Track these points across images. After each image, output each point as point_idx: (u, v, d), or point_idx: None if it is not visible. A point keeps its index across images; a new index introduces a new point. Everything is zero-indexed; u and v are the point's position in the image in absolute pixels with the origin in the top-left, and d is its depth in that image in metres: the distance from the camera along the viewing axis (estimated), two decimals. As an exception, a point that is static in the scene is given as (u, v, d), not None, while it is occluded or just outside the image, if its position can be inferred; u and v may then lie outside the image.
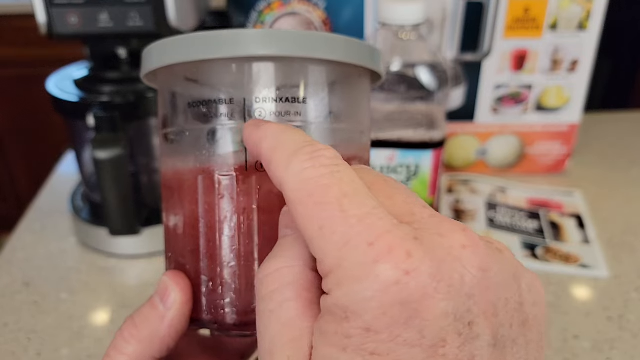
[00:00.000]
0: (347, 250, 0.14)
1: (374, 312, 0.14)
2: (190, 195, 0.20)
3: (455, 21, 0.56)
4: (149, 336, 0.20)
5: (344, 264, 0.14)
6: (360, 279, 0.14)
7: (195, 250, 0.20)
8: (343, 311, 0.14)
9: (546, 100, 0.61)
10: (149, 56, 0.21)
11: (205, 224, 0.20)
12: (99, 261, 0.51)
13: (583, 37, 0.57)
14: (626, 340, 0.42)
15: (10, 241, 0.55)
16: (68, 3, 0.43)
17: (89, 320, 0.44)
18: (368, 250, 0.14)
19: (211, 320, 0.20)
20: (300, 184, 0.15)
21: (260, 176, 0.19)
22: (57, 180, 0.66)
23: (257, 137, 0.17)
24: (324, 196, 0.15)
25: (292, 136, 0.17)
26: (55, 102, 0.48)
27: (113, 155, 0.42)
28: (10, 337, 0.43)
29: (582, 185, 0.62)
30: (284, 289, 0.16)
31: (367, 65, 0.21)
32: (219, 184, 0.19)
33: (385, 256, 0.14)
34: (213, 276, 0.20)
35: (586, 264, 0.50)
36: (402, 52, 0.47)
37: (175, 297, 0.20)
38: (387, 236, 0.14)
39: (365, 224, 0.14)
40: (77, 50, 0.62)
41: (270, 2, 0.56)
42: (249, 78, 0.19)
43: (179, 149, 0.21)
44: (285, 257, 0.17)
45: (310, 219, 0.15)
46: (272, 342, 0.16)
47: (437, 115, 0.48)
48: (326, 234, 0.14)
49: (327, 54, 0.19)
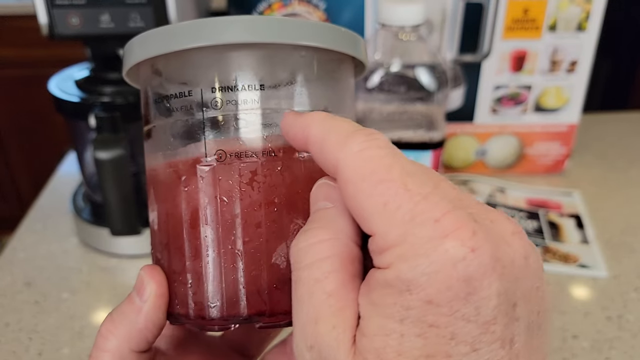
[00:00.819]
0: (412, 226, 0.15)
1: (438, 286, 0.14)
2: (161, 191, 0.20)
3: (454, 22, 0.56)
4: (126, 331, 0.20)
5: (410, 239, 0.15)
6: (428, 253, 0.14)
7: (167, 245, 0.20)
8: (405, 284, 0.14)
9: (545, 101, 0.61)
10: (127, 54, 0.21)
11: (173, 218, 0.20)
12: (100, 261, 0.51)
13: (582, 38, 0.57)
14: (625, 340, 0.42)
15: (11, 241, 0.55)
16: (69, 4, 0.43)
17: (90, 320, 0.44)
18: (435, 226, 0.14)
19: (184, 314, 0.20)
20: (361, 162, 0.16)
21: (221, 167, 0.19)
22: (58, 180, 0.66)
23: (303, 123, 0.18)
24: (388, 174, 0.15)
25: (342, 121, 0.17)
26: (57, 102, 0.48)
27: (114, 155, 0.42)
28: (12, 337, 0.43)
29: (581, 186, 0.62)
30: (331, 260, 0.16)
31: (349, 52, 0.20)
32: (182, 177, 0.19)
33: (452, 233, 0.14)
34: (182, 270, 0.20)
35: (585, 264, 0.50)
36: (402, 53, 0.47)
37: (150, 289, 0.20)
38: (452, 214, 0.15)
39: (429, 201, 0.15)
40: (78, 51, 0.62)
41: (271, 3, 0.56)
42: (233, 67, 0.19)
43: (151, 145, 0.21)
44: (329, 229, 0.17)
45: (372, 195, 0.15)
46: (317, 310, 0.16)
47: (437, 115, 0.49)
48: (390, 210, 0.15)
49: (312, 41, 0.19)
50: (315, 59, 0.20)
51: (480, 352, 0.14)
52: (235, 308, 0.19)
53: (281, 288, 0.19)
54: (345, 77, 0.22)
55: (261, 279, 0.19)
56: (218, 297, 0.19)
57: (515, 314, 0.15)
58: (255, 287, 0.19)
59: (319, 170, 0.19)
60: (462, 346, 0.14)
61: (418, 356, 0.14)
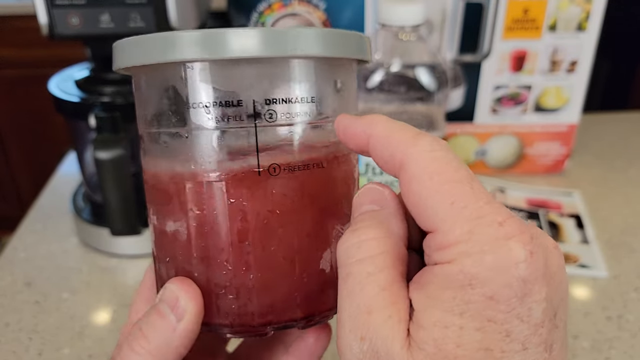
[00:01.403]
0: (478, 224, 0.15)
1: (500, 282, 0.15)
2: (195, 202, 0.19)
3: (454, 22, 0.57)
4: (160, 347, 0.19)
5: (476, 237, 0.15)
6: (493, 251, 0.15)
7: (206, 257, 0.19)
8: (468, 278, 0.15)
9: (545, 101, 0.61)
10: (131, 48, 0.19)
11: (217, 231, 0.19)
12: (100, 261, 0.51)
13: (582, 38, 0.57)
14: (625, 340, 0.42)
15: (11, 241, 0.55)
16: (69, 4, 0.43)
17: (90, 320, 0.44)
18: (499, 228, 0.15)
19: (226, 324, 0.20)
20: (432, 161, 0.17)
21: (274, 180, 0.19)
22: (58, 180, 0.66)
23: (365, 124, 0.19)
24: (457, 175, 0.16)
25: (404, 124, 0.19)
26: (57, 102, 0.48)
27: (114, 155, 0.42)
28: (12, 337, 0.43)
29: (581, 186, 0.62)
30: (383, 256, 0.17)
31: (359, 57, 0.21)
32: (230, 189, 0.19)
33: (516, 235, 0.15)
34: (227, 282, 0.19)
35: (585, 263, 0.50)
36: (402, 53, 0.47)
37: (186, 306, 0.19)
38: (512, 220, 0.16)
39: (493, 205, 0.16)
40: (78, 51, 0.62)
41: (271, 3, 0.56)
42: (257, 79, 0.19)
43: (178, 152, 0.19)
44: (380, 228, 0.18)
45: (439, 192, 0.16)
46: (370, 302, 0.16)
47: (437, 115, 0.49)
48: (457, 208, 0.16)
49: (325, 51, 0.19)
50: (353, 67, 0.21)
51: (529, 352, 0.15)
52: (287, 314, 0.20)
53: (325, 291, 0.20)
54: (353, 80, 0.22)
55: (310, 285, 0.20)
56: (270, 306, 0.20)
57: (556, 321, 0.16)
58: (305, 293, 0.20)
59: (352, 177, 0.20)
60: (515, 344, 0.15)
61: (477, 349, 0.15)
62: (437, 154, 0.17)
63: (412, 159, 0.17)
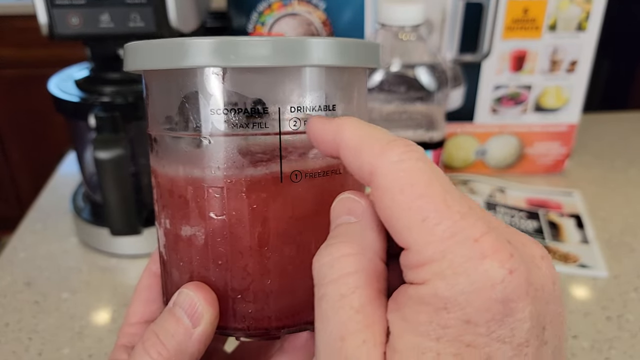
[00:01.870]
0: (452, 243, 0.14)
1: (477, 306, 0.14)
2: (215, 207, 0.19)
3: (454, 22, 0.56)
4: (177, 353, 0.19)
5: (449, 256, 0.14)
6: (468, 272, 0.14)
7: (224, 262, 0.19)
8: (443, 302, 0.14)
9: (545, 101, 0.61)
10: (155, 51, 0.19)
11: (236, 236, 0.19)
12: (100, 261, 0.51)
13: (582, 37, 0.57)
14: (625, 340, 0.42)
15: (11, 241, 0.55)
16: (69, 4, 0.43)
17: (90, 320, 0.44)
18: (474, 246, 0.14)
19: (242, 328, 0.20)
20: (401, 173, 0.15)
21: (295, 187, 0.19)
22: (58, 180, 0.66)
23: (335, 128, 0.18)
24: (428, 189, 0.15)
25: (375, 129, 0.17)
26: (57, 102, 0.48)
27: (114, 155, 0.42)
28: (12, 337, 0.43)
29: (581, 185, 0.62)
30: (357, 275, 0.16)
31: (376, 66, 0.21)
32: (251, 196, 0.19)
33: (492, 254, 0.14)
34: (245, 287, 0.19)
35: (585, 263, 0.50)
36: (402, 53, 0.47)
37: (203, 312, 0.19)
38: (489, 235, 0.15)
39: (467, 221, 0.15)
40: (78, 51, 0.62)
41: (271, 2, 0.56)
42: (283, 87, 0.19)
43: (198, 156, 0.19)
44: (354, 244, 0.17)
45: (411, 209, 0.15)
46: (344, 327, 0.15)
47: (437, 115, 0.49)
48: (429, 225, 0.15)
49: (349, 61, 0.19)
50: (366, 75, 0.22)
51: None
52: (303, 318, 0.20)
53: None
54: (365, 79, 0.22)
55: None
56: (287, 310, 0.20)
57: (544, 337, 0.15)
58: None
59: None
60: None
61: None
62: (407, 165, 0.16)
63: (381, 171, 0.16)
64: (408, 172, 0.15)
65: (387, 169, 0.16)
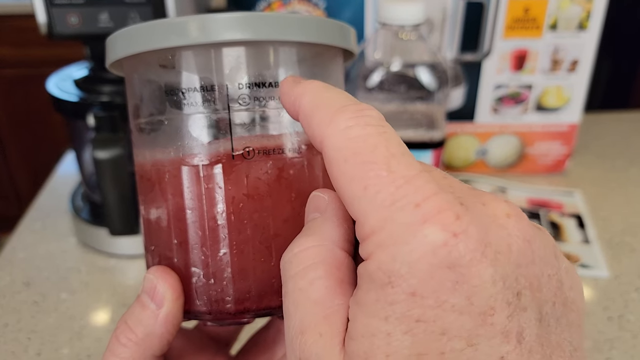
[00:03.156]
0: (392, 211, 0.13)
1: (420, 275, 0.13)
2: (173, 187, 0.20)
3: (455, 21, 0.56)
4: (145, 337, 0.19)
5: (389, 225, 0.13)
6: (407, 240, 0.13)
7: (184, 242, 0.20)
8: (387, 275, 0.13)
9: (546, 100, 0.61)
10: (114, 44, 0.20)
11: (193, 215, 0.19)
12: (99, 261, 0.51)
13: (583, 37, 0.57)
14: (626, 340, 0.42)
15: (10, 241, 0.55)
16: (68, 3, 0.43)
17: (89, 320, 0.44)
18: (415, 211, 0.13)
19: (205, 311, 0.20)
20: (346, 141, 0.15)
21: (248, 163, 0.19)
22: (57, 180, 0.66)
23: (297, 93, 0.17)
24: (371, 155, 0.14)
25: (336, 94, 0.16)
26: (56, 102, 0.48)
27: (113, 155, 0.42)
28: (11, 337, 0.43)
29: (582, 185, 0.62)
30: (314, 267, 0.16)
31: (340, 45, 0.21)
32: (205, 173, 0.19)
33: (433, 217, 0.13)
34: (205, 267, 0.19)
35: (586, 263, 0.50)
36: (402, 52, 0.47)
37: (164, 293, 0.19)
38: (434, 198, 0.13)
39: (412, 185, 0.14)
40: (77, 50, 0.62)
41: (270, 2, 0.56)
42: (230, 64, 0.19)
43: (158, 139, 0.20)
44: (313, 236, 0.16)
45: (354, 178, 0.14)
46: (303, 320, 0.15)
47: (437, 115, 0.48)
48: (370, 194, 0.14)
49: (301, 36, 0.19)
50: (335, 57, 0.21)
51: (478, 348, 0.13)
52: (264, 301, 0.19)
53: None
54: (339, 66, 0.22)
55: None
56: (247, 292, 0.19)
57: (520, 303, 0.13)
58: None
59: None
60: (456, 341, 0.13)
61: (408, 355, 0.13)
62: (353, 132, 0.15)
63: (328, 140, 0.15)
64: (353, 139, 0.15)
65: (334, 137, 0.15)
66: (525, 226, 0.14)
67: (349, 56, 0.23)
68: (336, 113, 0.15)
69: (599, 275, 0.48)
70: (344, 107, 0.15)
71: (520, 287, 0.14)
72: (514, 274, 0.13)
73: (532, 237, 0.14)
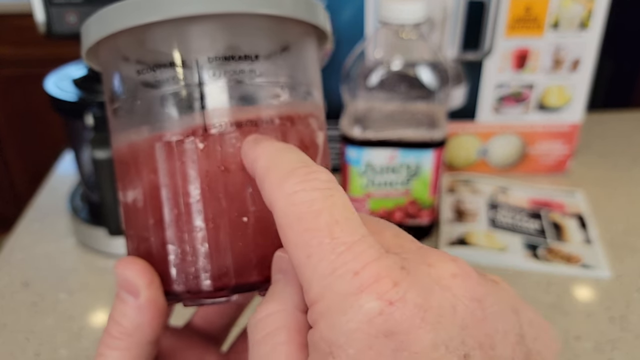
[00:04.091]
0: (332, 280, 0.14)
1: (358, 345, 0.13)
2: (148, 165, 0.20)
3: (456, 20, 0.56)
4: (135, 328, 0.19)
5: (328, 294, 0.14)
6: (344, 310, 0.13)
7: (160, 220, 0.20)
8: (328, 345, 0.13)
9: (548, 100, 0.60)
10: (86, 33, 0.20)
11: (168, 191, 0.19)
12: (98, 261, 0.51)
13: (585, 36, 0.57)
14: (628, 341, 0.41)
15: (8, 241, 0.54)
16: (67, 2, 0.43)
17: (88, 321, 0.44)
18: (353, 279, 0.13)
19: (184, 290, 0.20)
20: (291, 207, 0.15)
21: (221, 137, 0.19)
22: (55, 180, 0.66)
23: (254, 155, 0.17)
24: (314, 222, 0.14)
25: (288, 156, 0.16)
26: (54, 101, 0.48)
27: (112, 155, 0.42)
28: (9, 338, 0.43)
29: (583, 185, 0.62)
30: (276, 333, 0.16)
31: (311, 21, 0.20)
32: (178, 149, 0.19)
33: (370, 286, 0.13)
34: (181, 243, 0.19)
35: (588, 264, 0.49)
36: (403, 51, 0.47)
37: (136, 282, 0.19)
38: (373, 265, 0.14)
39: (353, 252, 0.14)
40: (75, 50, 0.61)
41: None
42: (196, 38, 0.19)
43: (132, 120, 0.20)
44: (275, 302, 0.16)
45: (298, 245, 0.14)
46: None
47: (438, 114, 0.48)
48: (313, 262, 0.14)
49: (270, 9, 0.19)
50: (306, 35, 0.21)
51: None
52: (243, 277, 0.19)
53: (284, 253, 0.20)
54: (309, 47, 0.22)
55: (267, 247, 0.19)
56: (224, 267, 0.19)
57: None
58: (262, 253, 0.19)
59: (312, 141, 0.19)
60: None
61: None
62: (299, 197, 0.15)
63: (275, 204, 0.15)
64: (298, 205, 0.15)
65: (280, 202, 0.15)
66: (473, 285, 0.14)
67: (323, 40, 0.22)
68: (284, 177, 0.15)
69: (601, 275, 0.48)
70: (293, 171, 0.15)
71: (467, 349, 0.13)
72: (460, 336, 0.13)
73: (483, 295, 0.14)
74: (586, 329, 0.43)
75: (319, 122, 0.21)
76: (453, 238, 0.52)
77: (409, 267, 0.14)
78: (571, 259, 0.50)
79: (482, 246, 0.51)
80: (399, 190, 0.50)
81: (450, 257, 0.15)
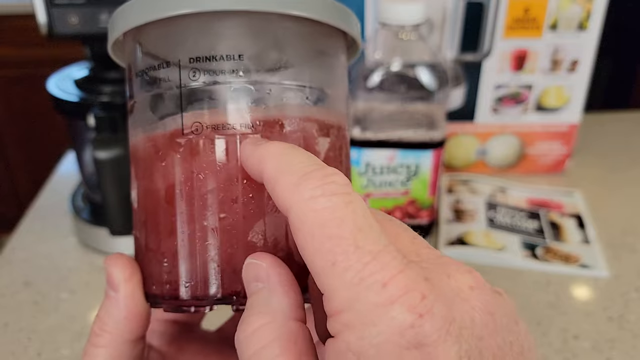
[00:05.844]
0: (360, 290, 0.14)
1: (388, 357, 0.13)
2: (141, 167, 0.20)
3: (455, 21, 0.56)
4: (115, 323, 0.20)
5: (356, 305, 0.14)
6: (375, 321, 0.13)
7: (145, 221, 0.20)
8: (356, 356, 0.13)
9: (546, 100, 0.61)
10: (111, 29, 0.21)
11: (150, 194, 0.19)
12: (100, 261, 0.51)
13: (583, 37, 0.57)
14: (626, 340, 0.42)
15: (10, 241, 0.55)
16: (68, 3, 0.43)
17: (90, 321, 0.44)
18: (382, 291, 0.13)
19: (159, 295, 0.19)
20: (311, 213, 0.14)
21: (197, 140, 0.18)
22: (57, 180, 0.66)
23: (259, 156, 0.17)
24: (338, 229, 0.14)
25: (299, 157, 0.16)
26: (56, 102, 0.48)
27: (113, 155, 0.42)
28: (11, 337, 0.43)
29: (582, 185, 0.62)
30: (269, 347, 0.15)
31: (341, 27, 0.20)
32: (160, 151, 0.19)
33: (400, 298, 0.13)
34: (158, 248, 0.19)
35: (586, 264, 0.50)
36: (402, 52, 0.47)
37: (117, 277, 0.19)
38: (400, 276, 0.14)
39: (379, 261, 0.14)
40: (77, 51, 0.62)
41: None
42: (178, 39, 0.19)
43: (133, 121, 0.20)
44: (263, 313, 0.16)
45: (321, 252, 0.14)
46: None
47: (437, 115, 0.48)
48: (338, 271, 0.14)
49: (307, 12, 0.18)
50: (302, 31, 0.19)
51: None
52: (210, 288, 0.18)
53: None
54: (335, 54, 0.21)
55: (237, 258, 0.18)
56: (192, 276, 0.19)
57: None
58: (231, 266, 0.18)
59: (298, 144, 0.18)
60: None
61: None
62: (319, 203, 0.14)
63: (293, 210, 0.15)
64: (319, 211, 0.14)
65: (298, 207, 0.15)
66: (487, 298, 0.15)
67: (354, 49, 0.22)
68: (302, 179, 0.15)
69: (599, 275, 0.48)
70: (310, 173, 0.15)
71: (489, 357, 0.14)
72: (477, 347, 0.14)
73: (495, 308, 0.15)
74: (584, 328, 0.43)
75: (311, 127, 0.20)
76: (452, 238, 0.53)
77: (431, 278, 0.14)
78: (569, 259, 0.50)
79: (481, 246, 0.51)
80: (398, 191, 0.50)
81: (466, 268, 0.15)
